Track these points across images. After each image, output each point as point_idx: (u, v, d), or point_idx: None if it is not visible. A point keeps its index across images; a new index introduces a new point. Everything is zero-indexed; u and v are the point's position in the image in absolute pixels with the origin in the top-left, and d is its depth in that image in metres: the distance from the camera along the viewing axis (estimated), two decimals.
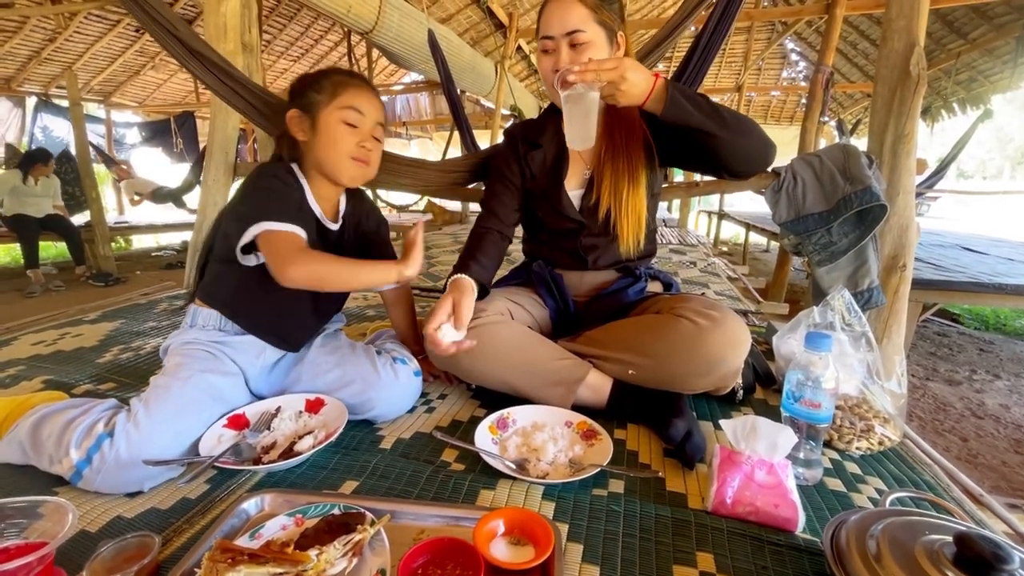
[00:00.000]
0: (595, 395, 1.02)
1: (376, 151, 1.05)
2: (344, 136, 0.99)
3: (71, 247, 4.57)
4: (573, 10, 0.98)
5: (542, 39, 1.02)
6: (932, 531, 0.58)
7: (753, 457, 0.75)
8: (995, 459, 2.08)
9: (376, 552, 0.62)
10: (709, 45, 1.93)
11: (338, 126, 0.99)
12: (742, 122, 0.94)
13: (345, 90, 1.00)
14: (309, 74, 1.04)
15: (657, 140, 1.11)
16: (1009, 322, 4.06)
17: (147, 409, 0.81)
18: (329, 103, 0.99)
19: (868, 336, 1.05)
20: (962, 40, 5.43)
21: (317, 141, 1.00)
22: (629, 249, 1.13)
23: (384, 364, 1.03)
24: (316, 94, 0.99)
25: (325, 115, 0.99)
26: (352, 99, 0.99)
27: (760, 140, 0.96)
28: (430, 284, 2.40)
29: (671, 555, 0.66)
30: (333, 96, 0.99)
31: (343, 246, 1.10)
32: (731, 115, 0.92)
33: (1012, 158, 24.92)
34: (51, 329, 1.63)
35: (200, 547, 0.61)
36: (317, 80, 1.01)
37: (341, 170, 1.01)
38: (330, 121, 0.99)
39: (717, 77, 9.15)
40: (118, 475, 0.76)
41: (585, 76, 0.84)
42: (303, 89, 1.01)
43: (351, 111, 0.99)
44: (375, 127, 1.03)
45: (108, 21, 5.91)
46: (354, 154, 1.00)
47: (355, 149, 1.00)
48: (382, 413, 1.01)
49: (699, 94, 0.92)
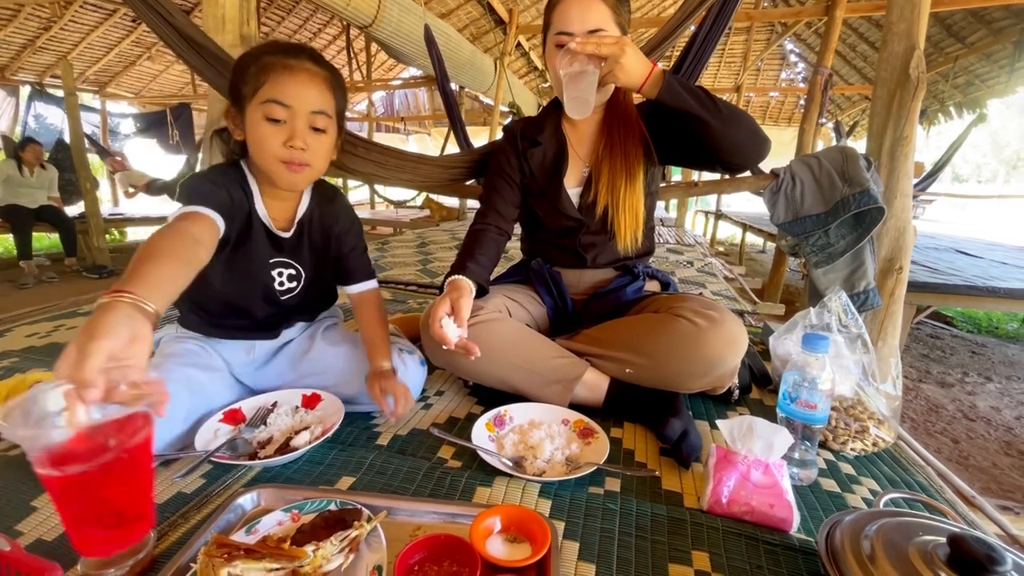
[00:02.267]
0: (592, 393, 1.02)
1: (318, 147, 0.89)
2: (268, 136, 0.84)
3: (64, 239, 4.53)
4: (595, 8, 0.98)
5: (559, 34, 1.00)
6: (925, 532, 0.59)
7: (749, 457, 0.75)
8: (986, 461, 2.10)
9: (372, 548, 0.62)
10: (705, 44, 1.93)
11: (260, 124, 0.84)
12: (736, 112, 0.95)
13: (267, 77, 0.83)
14: (240, 57, 0.89)
15: (655, 136, 1.12)
16: (1002, 325, 4.10)
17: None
18: (252, 96, 0.84)
19: (864, 338, 1.05)
20: (960, 44, 5.46)
21: (249, 143, 0.87)
22: (627, 246, 1.13)
23: (393, 355, 1.02)
24: (242, 85, 0.85)
25: (250, 112, 0.85)
26: (274, 89, 0.83)
27: (753, 131, 0.97)
28: (427, 280, 2.40)
29: (667, 553, 0.66)
30: (256, 86, 0.84)
31: (301, 254, 1.00)
32: (725, 105, 0.94)
33: (1007, 162, 25.07)
34: (45, 321, 1.62)
35: (196, 542, 0.60)
36: (244, 66, 0.86)
37: (273, 175, 0.88)
38: (253, 119, 0.85)
39: (716, 77, 9.16)
40: None
41: (586, 47, 0.87)
42: (233, 79, 0.87)
43: (273, 105, 0.83)
44: (312, 116, 0.86)
45: (104, 10, 5.86)
46: (282, 156, 0.85)
47: (281, 150, 0.85)
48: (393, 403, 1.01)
49: (695, 85, 0.94)
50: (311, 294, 1.05)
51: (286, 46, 0.88)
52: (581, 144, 1.16)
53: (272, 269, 0.98)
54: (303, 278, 1.02)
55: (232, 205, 0.88)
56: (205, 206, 0.82)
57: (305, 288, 1.03)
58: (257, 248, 0.94)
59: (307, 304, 1.07)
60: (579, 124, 1.16)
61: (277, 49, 0.87)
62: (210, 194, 0.84)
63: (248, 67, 0.85)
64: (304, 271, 1.02)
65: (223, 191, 0.87)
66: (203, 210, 0.81)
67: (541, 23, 1.11)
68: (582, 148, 1.16)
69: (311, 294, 1.05)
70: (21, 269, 4.11)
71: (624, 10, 1.02)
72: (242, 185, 0.92)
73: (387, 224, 6.31)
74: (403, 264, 2.84)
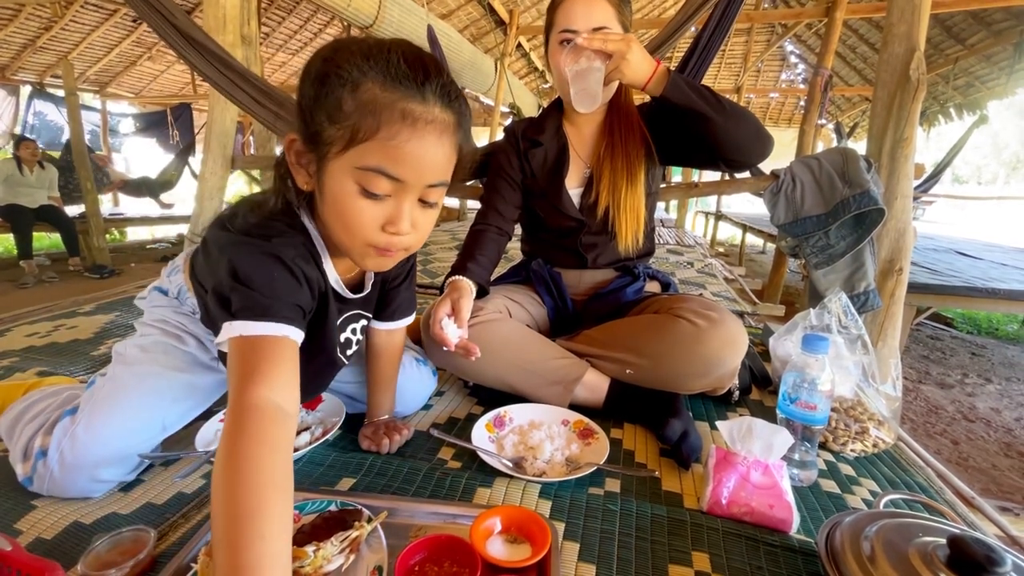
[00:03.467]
0: (592, 394, 1.02)
1: (425, 224, 0.64)
2: (362, 212, 0.59)
3: (65, 238, 4.54)
4: (599, 6, 0.99)
5: (563, 31, 1.00)
6: (925, 533, 0.59)
7: (749, 458, 0.75)
8: (985, 462, 2.10)
9: (373, 549, 0.62)
10: (708, 45, 1.94)
11: (352, 197, 0.58)
12: (739, 109, 0.96)
13: (376, 128, 0.54)
14: (328, 68, 0.56)
15: (657, 136, 1.12)
16: (1001, 326, 4.10)
17: (87, 427, 0.72)
18: (346, 148, 0.56)
19: (864, 339, 1.05)
20: (960, 46, 5.46)
21: (323, 205, 0.62)
22: (628, 247, 1.13)
23: (407, 362, 1.02)
24: (328, 121, 0.56)
25: (336, 168, 0.57)
26: (385, 154, 0.55)
27: (756, 128, 0.98)
28: (427, 281, 2.40)
29: (667, 554, 0.66)
30: (353, 135, 0.55)
31: (366, 307, 0.83)
32: (729, 103, 0.95)
33: (1007, 164, 25.10)
34: (45, 321, 1.62)
35: (196, 542, 0.60)
36: (334, 92, 0.55)
37: (356, 257, 0.65)
38: (342, 183, 0.58)
39: (716, 78, 9.16)
40: (60, 488, 0.72)
41: (592, 43, 0.89)
42: (310, 102, 0.57)
43: (377, 177, 0.56)
44: (426, 190, 0.61)
45: (105, 10, 5.85)
46: (376, 242, 0.61)
47: (378, 235, 0.60)
48: (403, 410, 1.01)
49: (699, 83, 0.95)
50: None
51: (408, 67, 0.55)
52: (582, 145, 1.16)
53: (342, 331, 0.80)
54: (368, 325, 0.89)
55: (312, 300, 0.66)
56: (289, 324, 0.58)
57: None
58: (331, 319, 0.75)
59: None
60: (580, 125, 1.16)
61: (395, 74, 0.55)
62: (293, 303, 0.61)
63: (341, 96, 0.55)
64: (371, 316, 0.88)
65: (303, 288, 0.63)
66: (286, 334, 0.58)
67: (542, 24, 1.12)
68: (583, 149, 1.16)
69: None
70: (21, 268, 4.11)
71: (627, 10, 1.03)
72: (310, 250, 0.67)
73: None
74: None
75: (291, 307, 0.61)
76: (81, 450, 0.71)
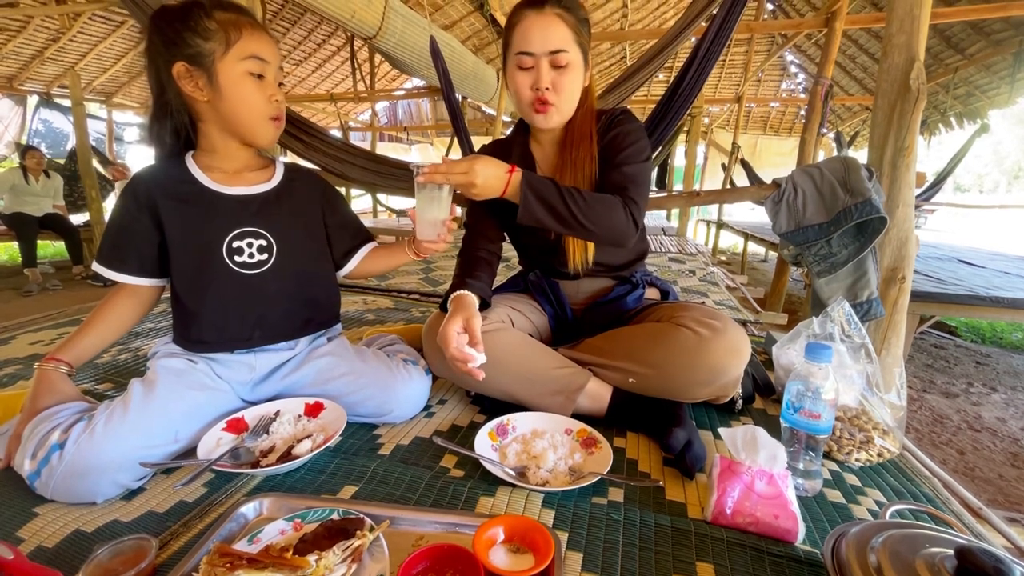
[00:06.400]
0: (595, 403, 1.02)
1: (283, 101, 0.93)
2: (254, 92, 0.86)
3: (69, 246, 4.56)
4: (556, 28, 0.95)
5: (519, 54, 0.97)
6: (932, 544, 0.58)
7: (753, 467, 0.75)
8: (992, 472, 2.08)
9: (375, 558, 0.62)
10: (708, 55, 1.95)
11: (244, 81, 0.85)
12: (592, 217, 0.93)
13: (240, 33, 0.84)
14: (173, 9, 0.85)
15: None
16: (1006, 335, 4.08)
17: (106, 425, 0.77)
18: (226, 52, 0.84)
19: (867, 347, 1.05)
20: (960, 56, 5.49)
21: (222, 102, 0.86)
22: (576, 266, 1.11)
23: (397, 366, 1.02)
24: (203, 40, 0.83)
25: (225, 68, 0.84)
26: (252, 45, 0.85)
27: (610, 227, 0.96)
28: (429, 289, 2.40)
29: (671, 564, 0.66)
30: (228, 42, 0.84)
31: (272, 222, 0.96)
32: (582, 211, 0.92)
33: (1009, 172, 25.13)
34: (49, 328, 1.63)
35: (198, 551, 0.60)
36: (194, 19, 0.83)
37: (258, 133, 0.91)
38: (233, 76, 0.85)
39: (717, 87, 9.22)
40: (67, 486, 0.73)
41: (434, 178, 0.87)
42: (179, 32, 0.83)
43: (255, 61, 0.85)
44: (279, 72, 0.91)
45: (112, 22, 5.93)
46: (271, 113, 0.89)
47: (270, 106, 0.89)
48: (400, 415, 1.01)
49: (555, 188, 0.92)
50: (293, 281, 0.98)
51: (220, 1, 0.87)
52: (547, 164, 1.14)
53: (229, 235, 0.93)
54: (274, 250, 0.96)
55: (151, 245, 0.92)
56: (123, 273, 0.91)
57: (279, 263, 0.96)
58: (208, 214, 0.92)
59: (292, 296, 0.99)
60: (545, 145, 1.13)
61: (223, 4, 0.86)
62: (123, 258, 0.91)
63: (200, 20, 0.83)
64: (275, 242, 0.96)
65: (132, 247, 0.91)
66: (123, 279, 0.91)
67: None
68: (548, 168, 1.14)
69: (293, 281, 0.98)
70: (25, 276, 4.13)
71: (584, 31, 1.00)
72: (183, 179, 0.92)
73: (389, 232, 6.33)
74: (405, 272, 2.85)
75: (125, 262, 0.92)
76: (97, 447, 0.74)
